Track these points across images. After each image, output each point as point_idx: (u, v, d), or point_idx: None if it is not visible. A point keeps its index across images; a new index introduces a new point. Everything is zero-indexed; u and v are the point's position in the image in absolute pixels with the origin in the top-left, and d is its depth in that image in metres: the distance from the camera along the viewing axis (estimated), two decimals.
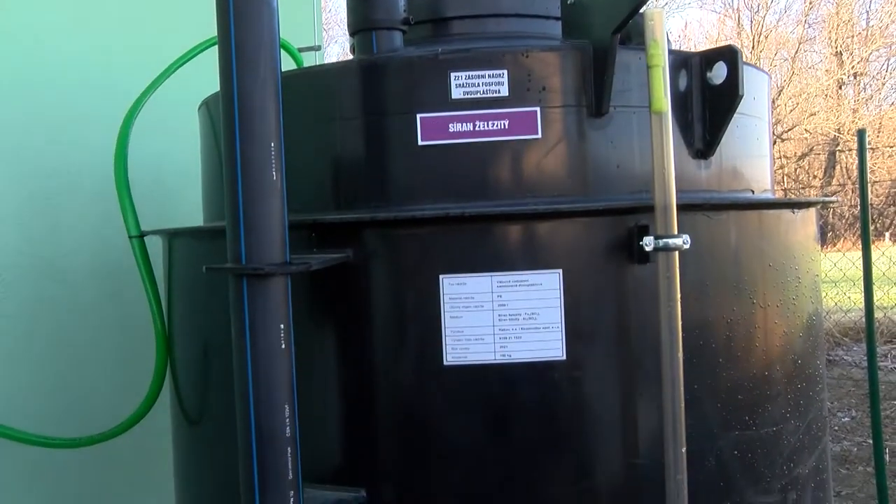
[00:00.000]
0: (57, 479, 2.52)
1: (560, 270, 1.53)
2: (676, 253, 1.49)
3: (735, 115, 1.68)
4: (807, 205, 1.82)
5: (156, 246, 2.14)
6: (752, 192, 1.86)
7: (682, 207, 1.52)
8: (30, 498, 2.44)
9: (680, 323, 1.50)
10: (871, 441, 5.70)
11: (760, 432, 1.68)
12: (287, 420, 1.43)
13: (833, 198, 1.90)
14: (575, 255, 1.55)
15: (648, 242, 1.49)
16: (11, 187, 2.48)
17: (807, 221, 1.86)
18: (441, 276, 1.52)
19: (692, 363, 1.57)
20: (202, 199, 2.07)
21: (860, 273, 4.09)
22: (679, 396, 1.49)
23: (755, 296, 1.69)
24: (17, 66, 2.51)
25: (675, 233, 1.49)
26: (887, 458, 3.82)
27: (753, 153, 1.89)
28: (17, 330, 2.45)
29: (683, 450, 1.49)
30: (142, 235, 2.12)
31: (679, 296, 1.50)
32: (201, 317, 1.89)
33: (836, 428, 6.25)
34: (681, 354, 1.50)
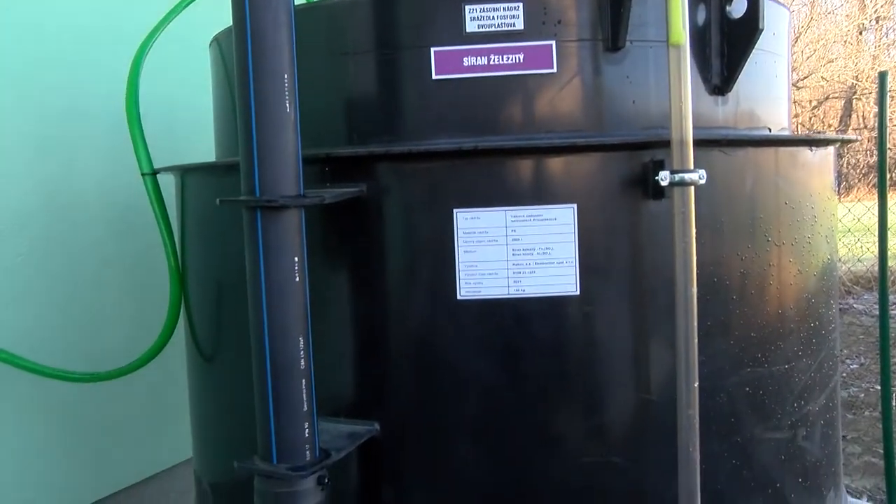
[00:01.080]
0: (76, 413, 2.57)
1: (574, 205, 1.52)
2: (692, 188, 1.48)
3: (754, 51, 1.65)
4: (825, 142, 1.80)
5: (168, 184, 2.14)
6: (769, 130, 1.84)
7: (698, 143, 1.50)
8: (51, 431, 2.49)
9: (694, 259, 1.50)
10: (878, 387, 5.73)
11: (772, 370, 1.69)
12: (301, 352, 1.44)
13: (853, 136, 1.87)
14: (589, 190, 1.54)
15: (664, 177, 1.47)
16: (24, 128, 2.48)
17: (824, 161, 1.84)
18: (455, 211, 1.51)
19: (705, 300, 1.57)
20: (214, 136, 2.06)
21: (872, 222, 4.05)
22: (692, 332, 1.49)
23: (770, 234, 1.68)
24: (27, 8, 2.48)
25: (691, 168, 1.47)
26: (895, 403, 3.83)
27: (771, 91, 1.87)
28: (32, 268, 2.47)
29: (696, 385, 1.49)
30: (154, 173, 2.12)
31: (694, 232, 1.49)
32: (215, 253, 1.89)
33: (845, 375, 6.27)
34: (695, 291, 1.50)
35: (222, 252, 1.84)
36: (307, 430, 1.45)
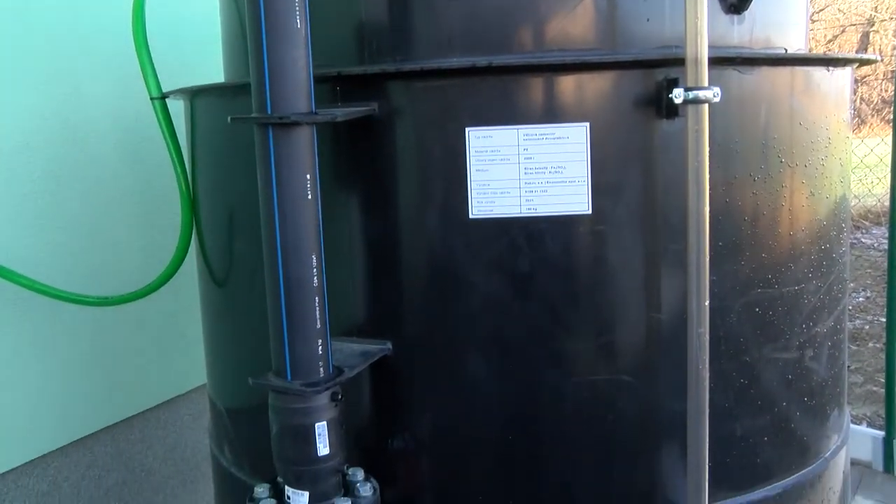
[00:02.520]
0: (91, 339, 2.60)
1: (587, 124, 1.51)
2: (706, 106, 1.46)
3: None
4: (843, 62, 1.77)
5: (178, 109, 2.12)
6: (786, 51, 1.81)
7: (713, 61, 1.48)
8: (67, 357, 2.52)
9: (707, 178, 1.49)
10: (883, 319, 5.77)
11: (782, 291, 1.70)
12: (314, 269, 1.45)
13: (873, 55, 1.83)
14: (603, 108, 1.52)
15: (678, 94, 1.46)
16: (32, 57, 2.45)
17: (841, 83, 1.81)
18: (467, 129, 1.50)
19: (717, 221, 1.56)
20: (223, 57, 2.04)
21: (885, 152, 4.01)
22: (704, 252, 1.49)
23: (783, 155, 1.66)
24: None
25: (706, 85, 1.46)
26: None
27: (789, 14, 1.83)
28: (45, 196, 2.47)
29: (706, 304, 1.50)
30: (163, 97, 2.10)
31: (707, 150, 1.48)
32: (226, 176, 1.89)
33: (851, 308, 6.30)
34: (707, 210, 1.50)
35: (233, 175, 1.84)
36: (320, 348, 1.47)
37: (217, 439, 2.12)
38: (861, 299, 6.57)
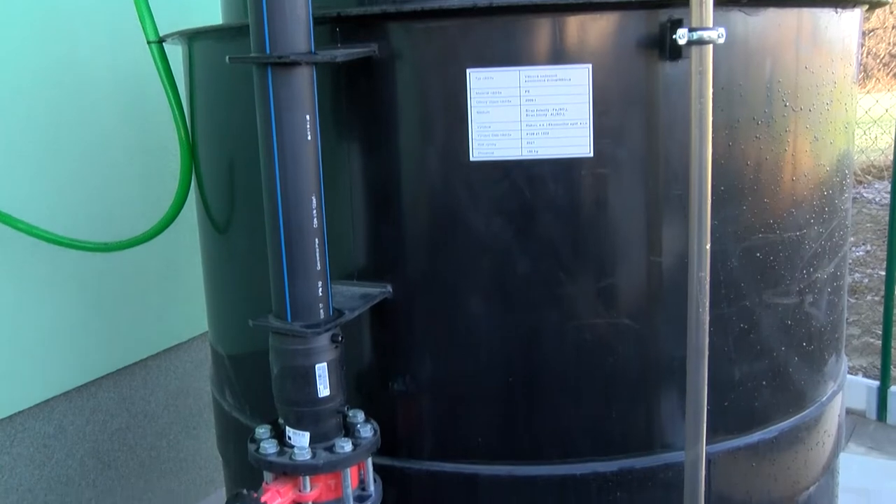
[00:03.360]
0: (93, 287, 2.61)
1: (590, 65, 1.49)
2: (710, 47, 1.44)
3: None
4: (852, 3, 1.74)
5: (176, 54, 2.10)
6: None
7: (718, 2, 1.46)
8: (69, 304, 2.53)
9: (710, 121, 1.48)
10: (881, 273, 5.79)
11: (783, 236, 1.69)
12: (314, 211, 1.44)
13: None
14: (605, 50, 1.50)
15: (682, 35, 1.43)
16: (26, 4, 2.42)
17: (849, 27, 1.79)
18: (468, 70, 1.49)
19: (719, 164, 1.55)
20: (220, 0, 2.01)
21: (887, 110, 3.98)
22: (706, 195, 1.49)
23: (788, 99, 1.65)
24: None
25: (711, 25, 1.43)
26: None
27: None
28: (44, 144, 2.46)
29: (707, 247, 1.50)
30: (160, 40, 2.07)
31: (711, 93, 1.46)
32: (225, 121, 1.87)
33: (850, 261, 6.32)
34: (710, 153, 1.49)
35: (232, 119, 1.82)
36: (320, 289, 1.48)
37: (218, 384, 2.14)
38: (861, 253, 6.58)
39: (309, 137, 1.42)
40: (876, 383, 3.92)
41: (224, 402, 2.08)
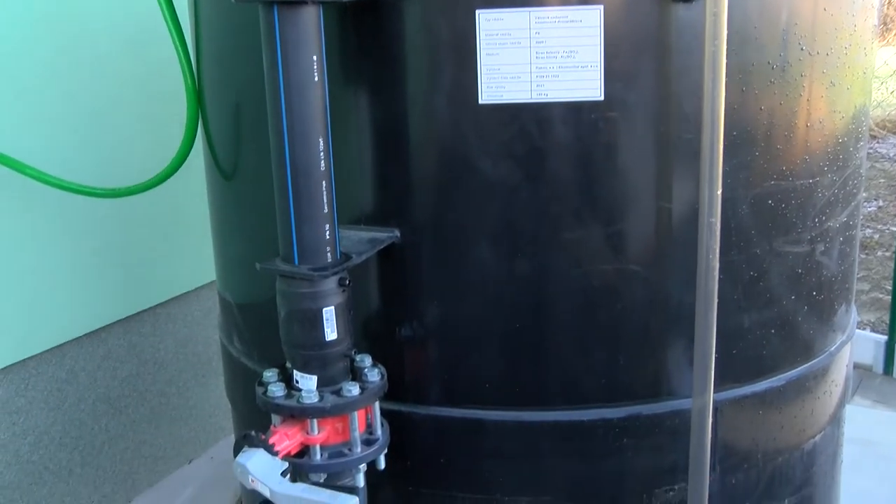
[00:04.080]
0: (101, 234, 2.61)
1: (601, 6, 1.45)
2: None
3: None
4: None
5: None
6: None
7: None
8: (77, 251, 2.54)
9: (724, 65, 1.45)
10: (893, 229, 5.76)
11: (796, 183, 1.67)
12: (321, 153, 1.43)
13: None
14: None
15: None
16: None
17: None
18: (477, 11, 1.45)
19: (732, 108, 1.53)
20: None
21: None
22: (718, 139, 1.46)
23: (804, 42, 1.61)
24: None
25: None
26: None
27: None
28: (48, 87, 2.44)
29: (718, 192, 1.48)
30: None
31: (725, 34, 1.43)
32: (231, 64, 1.85)
33: (862, 217, 6.28)
34: (723, 97, 1.46)
35: (238, 62, 1.80)
36: (327, 232, 1.47)
37: (226, 330, 2.15)
38: (873, 209, 6.53)
39: (316, 78, 1.40)
40: (884, 338, 3.92)
41: (232, 348, 2.09)
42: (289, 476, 1.48)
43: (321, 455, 1.53)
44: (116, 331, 2.73)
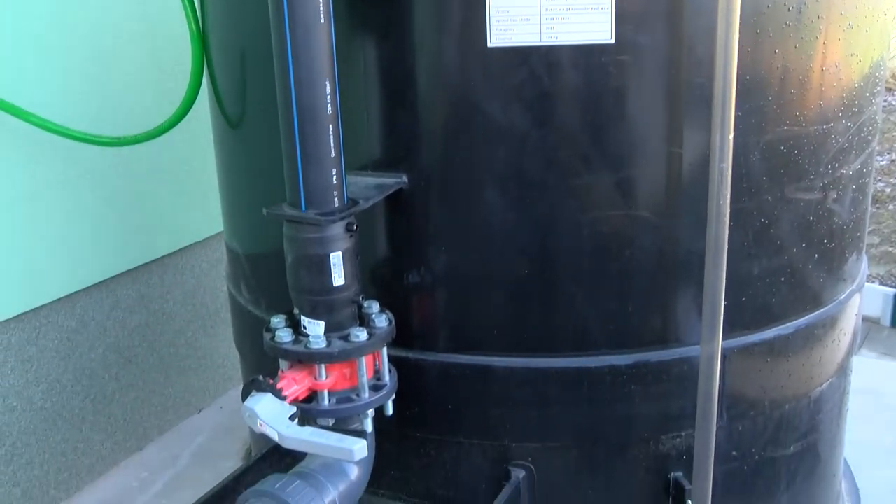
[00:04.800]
0: (107, 184, 2.60)
1: None
2: None
3: None
4: None
5: None
6: None
7: None
8: (83, 201, 2.53)
9: (738, 6, 1.41)
10: None
11: (809, 129, 1.64)
12: (328, 97, 1.41)
13: None
14: None
15: None
16: None
17: None
18: None
19: (745, 52, 1.50)
20: None
21: None
22: (731, 82, 1.43)
23: None
24: None
25: None
26: None
27: None
28: (50, 35, 2.40)
29: (730, 137, 1.46)
30: None
31: None
32: (236, 8, 1.82)
33: (874, 170, 6.22)
34: (736, 40, 1.42)
35: (243, 5, 1.77)
36: (335, 177, 1.45)
37: (234, 279, 2.15)
38: (885, 162, 6.45)
39: (322, 20, 1.38)
40: (892, 290, 3.90)
41: (240, 297, 2.09)
42: (297, 421, 1.49)
43: (329, 400, 1.54)
44: (125, 281, 2.73)
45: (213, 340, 3.15)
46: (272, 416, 1.44)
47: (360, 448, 1.41)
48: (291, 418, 1.46)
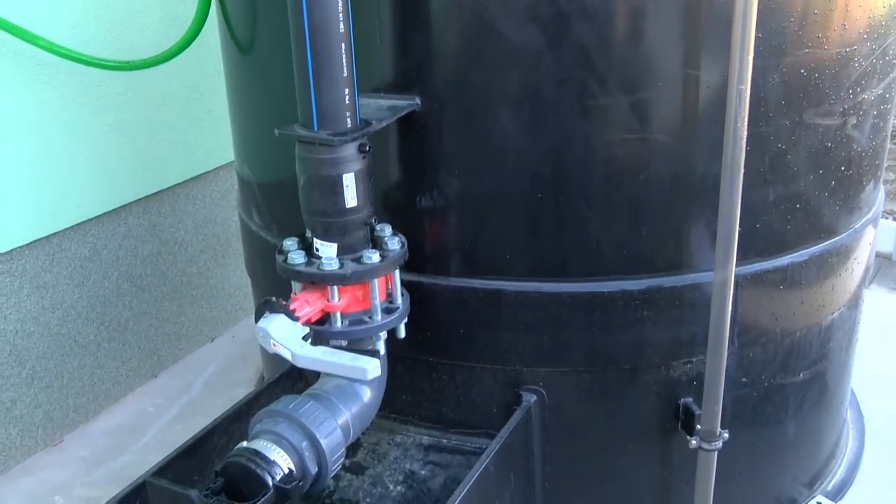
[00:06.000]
0: (118, 113, 2.58)
1: None
2: None
3: None
4: None
5: None
6: None
7: None
8: (93, 130, 2.52)
9: None
10: None
11: (832, 52, 1.61)
12: (340, 14, 1.38)
13: None
14: None
15: None
16: None
17: None
18: None
19: None
20: None
21: None
22: (752, 1, 1.40)
23: None
24: None
25: None
26: None
27: None
28: None
29: (750, 58, 1.42)
30: None
31: None
32: None
33: None
34: None
35: None
36: (347, 97, 1.44)
37: (245, 205, 2.14)
38: None
39: None
40: None
41: (252, 223, 2.09)
42: (310, 342, 1.50)
43: (342, 322, 1.54)
44: (136, 210, 2.73)
45: (225, 270, 3.16)
46: (285, 335, 1.45)
47: (373, 367, 1.42)
48: (304, 339, 1.47)
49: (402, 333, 1.63)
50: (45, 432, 2.54)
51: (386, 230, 1.59)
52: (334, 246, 1.51)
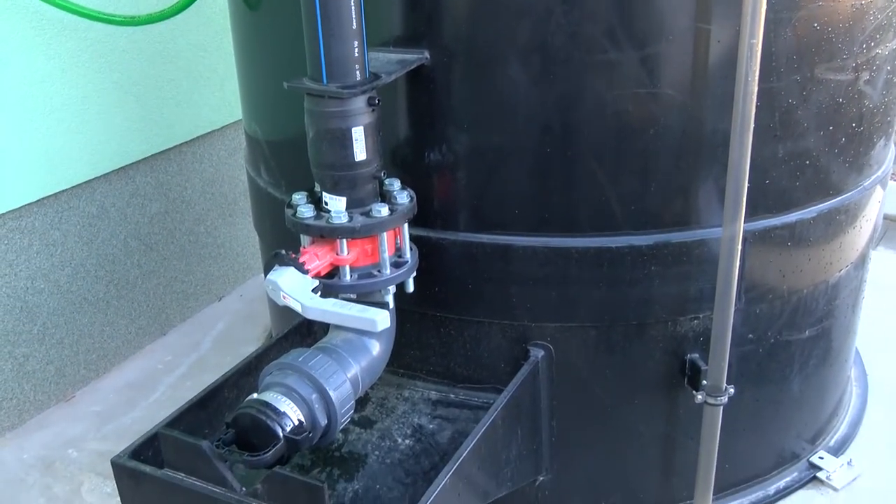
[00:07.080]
0: (124, 70, 2.57)
1: None
2: None
3: None
4: None
5: None
6: None
7: None
8: (100, 87, 2.51)
9: None
10: None
11: (846, 5, 1.59)
12: None
13: None
14: None
15: None
16: None
17: None
18: None
19: None
20: None
21: None
22: None
23: None
24: None
25: None
26: None
27: None
28: None
29: (763, 10, 1.41)
30: None
31: None
32: None
33: None
34: None
35: None
36: (356, 50, 1.43)
37: (253, 162, 2.14)
38: None
39: None
40: None
41: (259, 179, 2.09)
42: (319, 294, 1.50)
43: (351, 276, 1.55)
44: (143, 169, 2.73)
45: (233, 229, 3.17)
46: (295, 288, 1.45)
47: (382, 318, 1.43)
48: (314, 291, 1.48)
49: (410, 288, 1.64)
50: (58, 388, 2.57)
51: (395, 184, 1.59)
52: (343, 199, 1.51)
